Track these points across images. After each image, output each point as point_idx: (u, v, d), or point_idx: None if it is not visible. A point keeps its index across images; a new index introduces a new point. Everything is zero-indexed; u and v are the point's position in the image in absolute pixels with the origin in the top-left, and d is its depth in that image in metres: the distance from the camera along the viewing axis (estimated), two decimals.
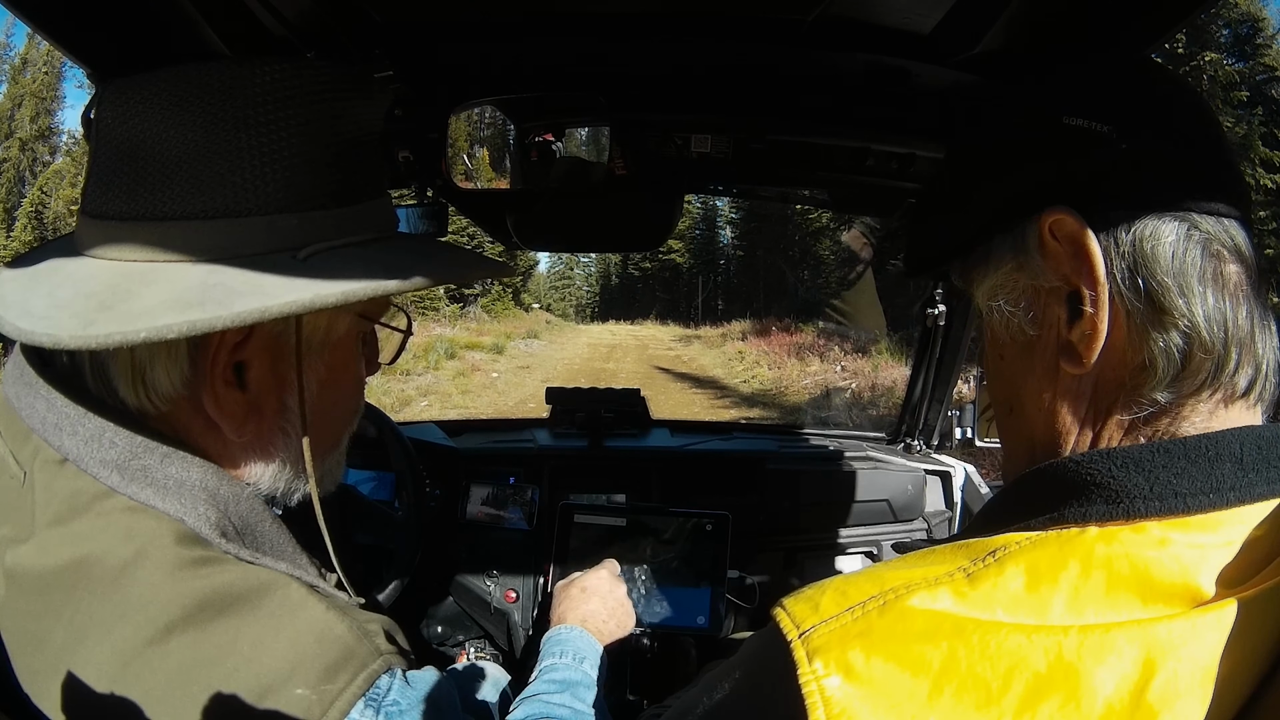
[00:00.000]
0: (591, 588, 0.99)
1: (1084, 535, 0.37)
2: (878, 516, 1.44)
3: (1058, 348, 0.43)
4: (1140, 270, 0.39)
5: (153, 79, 0.48)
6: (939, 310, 1.37)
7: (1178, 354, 0.39)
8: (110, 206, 0.50)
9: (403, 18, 0.83)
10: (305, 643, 0.47)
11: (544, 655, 0.85)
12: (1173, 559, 0.35)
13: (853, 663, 0.36)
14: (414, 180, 1.07)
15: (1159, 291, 0.39)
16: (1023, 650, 0.34)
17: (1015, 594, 0.36)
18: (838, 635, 0.37)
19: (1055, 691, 0.33)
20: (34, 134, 24.19)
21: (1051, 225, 0.41)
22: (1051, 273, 0.42)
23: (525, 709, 0.73)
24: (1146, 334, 0.40)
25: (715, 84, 0.98)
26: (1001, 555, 0.38)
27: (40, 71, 24.30)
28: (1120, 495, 0.37)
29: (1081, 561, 0.36)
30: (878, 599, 0.37)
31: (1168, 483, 0.37)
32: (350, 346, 0.61)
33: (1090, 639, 0.33)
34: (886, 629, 0.36)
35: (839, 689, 0.35)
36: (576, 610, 0.95)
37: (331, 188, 0.53)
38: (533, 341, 19.57)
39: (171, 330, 0.44)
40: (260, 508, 0.55)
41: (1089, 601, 0.35)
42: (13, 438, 0.52)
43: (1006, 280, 0.45)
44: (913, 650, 0.35)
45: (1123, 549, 0.36)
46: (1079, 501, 0.38)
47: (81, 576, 0.46)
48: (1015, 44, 0.76)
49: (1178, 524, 0.36)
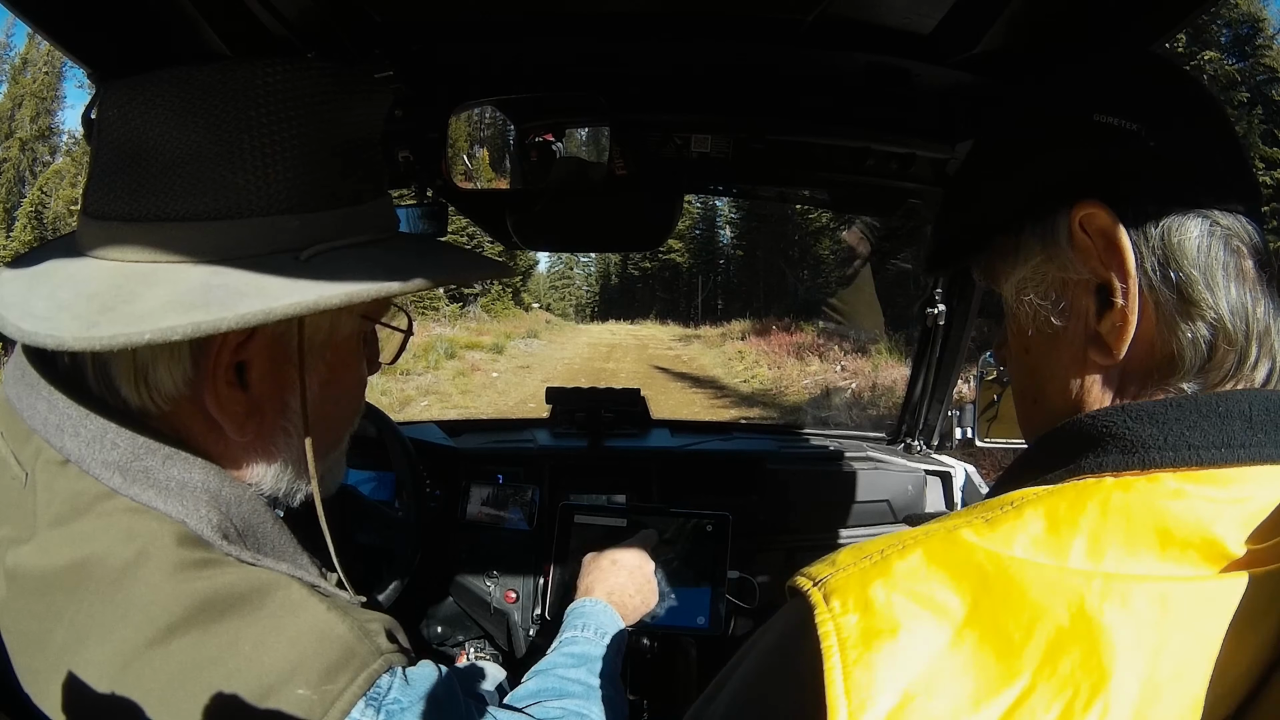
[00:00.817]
0: (622, 561, 0.99)
1: (1100, 483, 0.38)
2: (878, 517, 1.44)
3: (1086, 339, 0.44)
4: (1170, 263, 0.40)
5: (154, 80, 0.48)
6: (939, 310, 1.37)
7: (1204, 345, 0.40)
8: (112, 207, 0.50)
9: (403, 18, 0.83)
10: (306, 643, 0.47)
11: (566, 626, 0.85)
12: (1187, 509, 0.36)
13: (873, 598, 0.35)
14: (414, 180, 1.07)
15: (1187, 284, 0.40)
16: (1045, 600, 0.33)
17: (1035, 535, 0.36)
18: (856, 577, 0.36)
19: (1076, 646, 0.33)
20: (34, 134, 24.17)
21: (1082, 219, 0.42)
22: (1081, 265, 0.43)
23: (539, 681, 0.73)
24: (1175, 326, 0.41)
25: (715, 84, 0.98)
26: (1019, 503, 0.38)
27: (40, 71, 24.28)
28: (1135, 445, 0.38)
29: (1100, 506, 0.36)
30: (897, 545, 0.37)
31: (1180, 434, 0.38)
32: (352, 346, 0.61)
33: (1113, 593, 0.33)
34: (908, 567, 0.36)
35: (857, 626, 0.34)
36: (605, 582, 0.95)
37: (333, 188, 0.53)
38: (533, 341, 19.57)
39: (176, 332, 0.44)
40: (262, 509, 0.55)
41: (1108, 544, 0.35)
42: (14, 438, 0.52)
43: (1036, 273, 0.45)
44: (935, 593, 0.34)
45: (1140, 496, 0.36)
46: (1094, 453, 0.39)
47: (83, 577, 0.46)
48: (1015, 44, 0.76)
49: (1190, 476, 0.37)
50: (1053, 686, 0.32)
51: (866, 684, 0.33)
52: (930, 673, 0.33)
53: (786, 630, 0.39)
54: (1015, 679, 0.32)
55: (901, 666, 0.33)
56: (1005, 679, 0.32)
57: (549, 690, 0.71)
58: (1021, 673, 0.32)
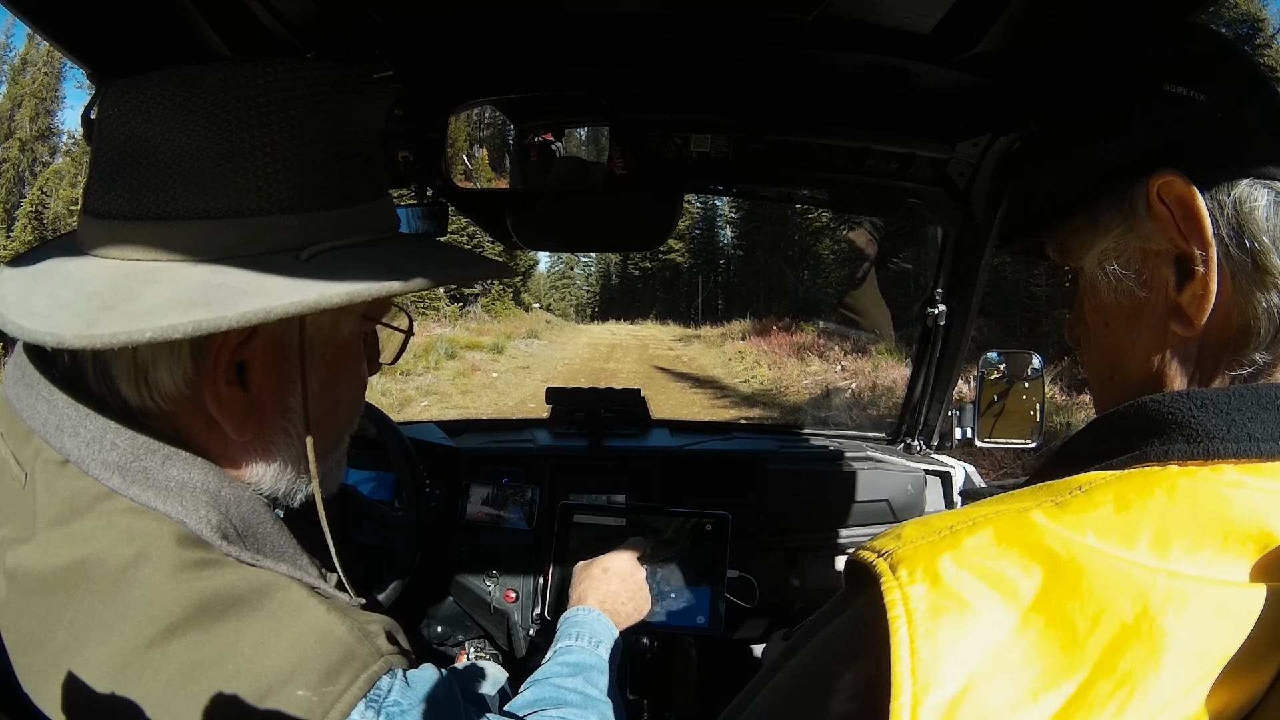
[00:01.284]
0: (614, 569, 0.99)
1: (1166, 471, 0.38)
2: (878, 517, 1.44)
3: (1166, 310, 0.44)
4: (1244, 230, 0.41)
5: (154, 79, 0.48)
6: (939, 310, 1.37)
7: (1278, 314, 0.41)
8: (112, 206, 0.50)
9: (403, 18, 0.83)
10: (306, 644, 0.47)
11: (560, 636, 0.84)
12: (1248, 499, 0.36)
13: (942, 571, 0.34)
14: (414, 180, 1.07)
15: (1260, 252, 0.41)
16: (1111, 595, 0.33)
17: (1105, 518, 0.36)
18: (925, 549, 0.35)
19: (1138, 644, 0.33)
20: (34, 134, 24.18)
21: (1160, 188, 0.43)
22: (1160, 235, 0.43)
23: (536, 691, 0.73)
24: (1251, 295, 0.41)
25: (715, 84, 0.98)
26: (1088, 488, 0.38)
27: (40, 71, 24.29)
28: (1200, 435, 0.38)
29: (1167, 492, 0.36)
30: (966, 522, 0.37)
31: (1243, 425, 0.38)
32: (353, 346, 0.61)
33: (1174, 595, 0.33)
34: (979, 544, 0.35)
35: (926, 597, 0.33)
36: (597, 591, 0.95)
37: (333, 188, 0.53)
38: (533, 341, 19.56)
39: (176, 330, 0.44)
40: (262, 509, 0.55)
41: (1174, 535, 0.35)
42: (14, 438, 0.52)
43: (1117, 244, 0.46)
44: (1006, 572, 0.34)
45: (1205, 485, 0.36)
46: (1160, 440, 0.39)
47: (83, 578, 0.46)
48: (1015, 44, 0.76)
49: (1251, 469, 0.37)
50: (1112, 683, 0.32)
51: (933, 664, 0.32)
52: (994, 659, 0.32)
53: (849, 601, 0.39)
54: (1076, 671, 0.32)
55: (967, 648, 0.33)
56: (1067, 670, 0.32)
57: (546, 699, 0.72)
58: (1083, 665, 0.32)
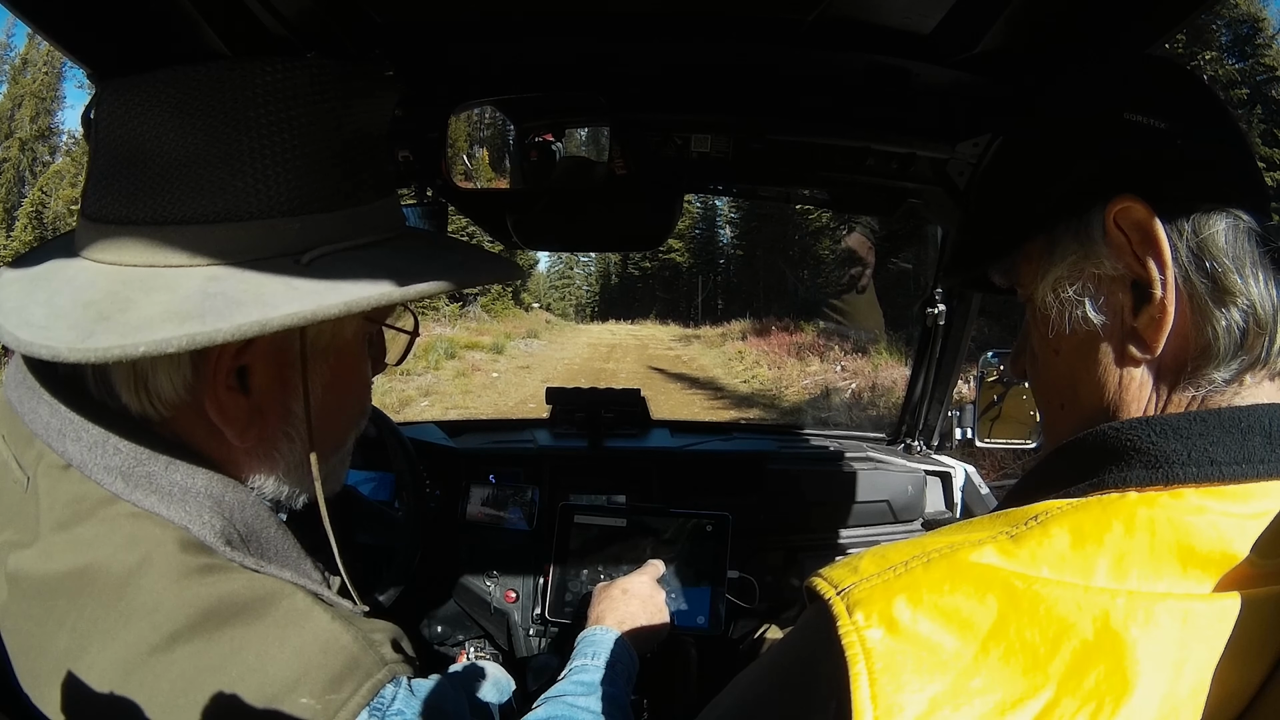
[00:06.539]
0: (633, 590, 1.00)
1: (1125, 499, 0.38)
2: (878, 517, 1.44)
3: (1122, 335, 0.44)
4: (1204, 253, 0.41)
5: (152, 80, 0.48)
6: (939, 310, 1.37)
7: (1238, 332, 0.41)
8: (109, 210, 0.49)
9: (402, 18, 0.83)
10: (310, 652, 0.47)
11: (576, 655, 0.85)
12: (1210, 525, 0.36)
13: (897, 616, 0.34)
14: (414, 180, 1.07)
15: (1221, 272, 0.41)
16: (1071, 616, 0.33)
17: (1060, 553, 0.36)
18: (880, 589, 0.36)
19: (1101, 661, 0.33)
20: (34, 134, 24.15)
21: (1117, 214, 0.43)
22: (1116, 260, 0.43)
23: (549, 708, 0.73)
24: (1209, 315, 0.41)
25: (715, 84, 0.98)
26: (1044, 519, 0.38)
27: (40, 71, 24.26)
28: (1159, 460, 0.38)
29: (1124, 523, 0.36)
30: (921, 557, 0.37)
31: (1204, 450, 0.38)
32: (356, 349, 0.60)
33: (1136, 610, 0.33)
34: (933, 583, 0.35)
35: (882, 642, 0.34)
36: (615, 612, 0.95)
37: (335, 189, 0.52)
38: (533, 341, 19.57)
39: (170, 345, 0.43)
40: (265, 514, 0.54)
41: (1133, 563, 0.35)
42: (16, 442, 0.52)
43: (1072, 270, 0.45)
44: (960, 608, 0.34)
45: (1164, 512, 0.36)
46: (1118, 467, 0.39)
47: (86, 583, 0.46)
48: (1015, 44, 0.76)
49: (1213, 492, 0.37)
50: (1077, 700, 0.32)
51: (893, 692, 0.33)
52: (955, 688, 0.33)
53: (807, 637, 0.39)
54: (1040, 691, 0.32)
55: (927, 679, 0.33)
56: (1031, 691, 0.32)
57: (559, 717, 0.72)
58: (1047, 685, 0.32)
